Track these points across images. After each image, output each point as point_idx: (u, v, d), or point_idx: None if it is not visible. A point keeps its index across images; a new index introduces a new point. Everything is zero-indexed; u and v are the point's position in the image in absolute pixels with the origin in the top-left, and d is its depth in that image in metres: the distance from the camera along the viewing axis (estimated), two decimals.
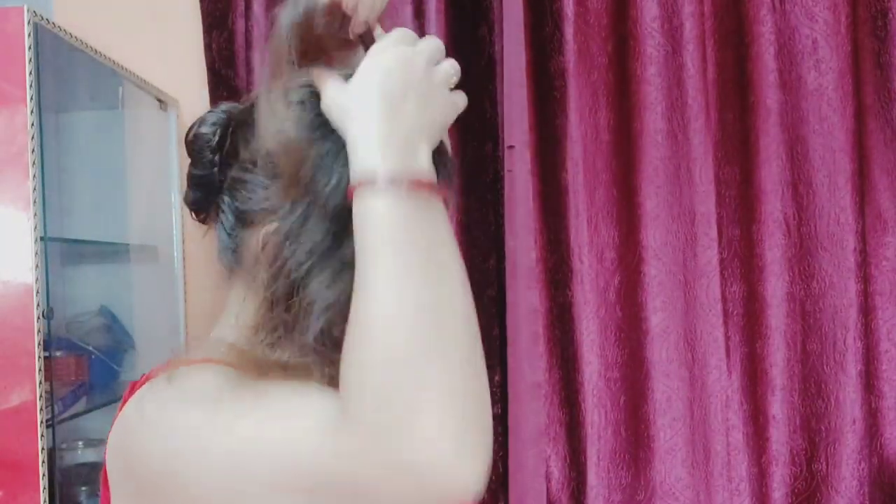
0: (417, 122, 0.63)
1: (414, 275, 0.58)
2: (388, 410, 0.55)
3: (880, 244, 1.85)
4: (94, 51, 1.71)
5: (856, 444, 1.80)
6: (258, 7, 1.94)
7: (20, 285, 1.42)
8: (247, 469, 0.59)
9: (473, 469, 0.55)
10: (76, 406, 1.70)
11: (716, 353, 1.83)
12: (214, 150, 0.74)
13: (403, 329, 0.56)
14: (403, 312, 0.57)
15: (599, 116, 1.87)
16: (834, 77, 1.81)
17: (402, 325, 0.56)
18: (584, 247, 1.86)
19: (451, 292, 0.59)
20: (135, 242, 2.03)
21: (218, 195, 0.75)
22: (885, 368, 1.84)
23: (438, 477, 0.54)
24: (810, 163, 1.83)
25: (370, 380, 0.56)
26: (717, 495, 1.83)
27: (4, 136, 1.43)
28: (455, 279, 0.60)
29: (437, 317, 0.57)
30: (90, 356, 1.89)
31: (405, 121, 0.62)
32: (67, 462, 1.77)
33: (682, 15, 1.83)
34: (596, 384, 1.86)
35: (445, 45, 0.68)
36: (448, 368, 0.56)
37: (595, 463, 1.85)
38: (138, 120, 2.01)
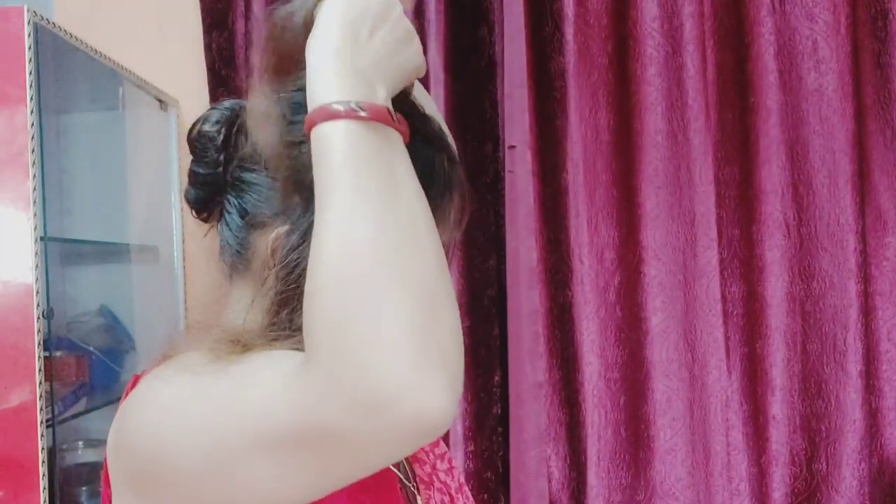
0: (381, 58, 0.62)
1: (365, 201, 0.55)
2: (344, 345, 0.52)
3: (880, 244, 1.85)
4: (94, 51, 1.71)
5: (856, 444, 1.80)
6: (258, 7, 1.94)
7: (20, 285, 1.42)
8: (224, 433, 0.58)
9: (441, 395, 0.52)
10: (76, 406, 1.70)
11: (716, 353, 1.83)
12: (219, 148, 0.73)
13: (351, 256, 0.54)
14: (353, 238, 0.55)
15: (599, 117, 1.87)
16: (834, 77, 1.81)
17: (350, 252, 0.54)
18: (584, 247, 1.86)
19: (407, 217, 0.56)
20: (135, 242, 2.03)
21: (222, 194, 0.73)
22: (885, 368, 1.84)
23: (405, 408, 0.51)
24: (810, 163, 1.83)
25: (323, 314, 0.54)
26: (717, 495, 1.83)
27: (4, 136, 1.43)
28: (412, 205, 0.57)
29: (391, 242, 0.55)
30: (90, 356, 1.89)
31: (367, 54, 0.61)
32: (67, 462, 1.77)
33: (682, 15, 1.83)
34: (596, 384, 1.86)
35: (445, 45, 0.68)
36: (404, 293, 0.53)
37: (595, 463, 1.85)
38: (138, 120, 2.01)
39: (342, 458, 0.55)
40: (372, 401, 0.51)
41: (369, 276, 0.53)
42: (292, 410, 0.54)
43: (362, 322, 0.52)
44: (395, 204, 0.56)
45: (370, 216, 0.55)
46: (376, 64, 0.61)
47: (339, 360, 0.53)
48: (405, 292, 0.53)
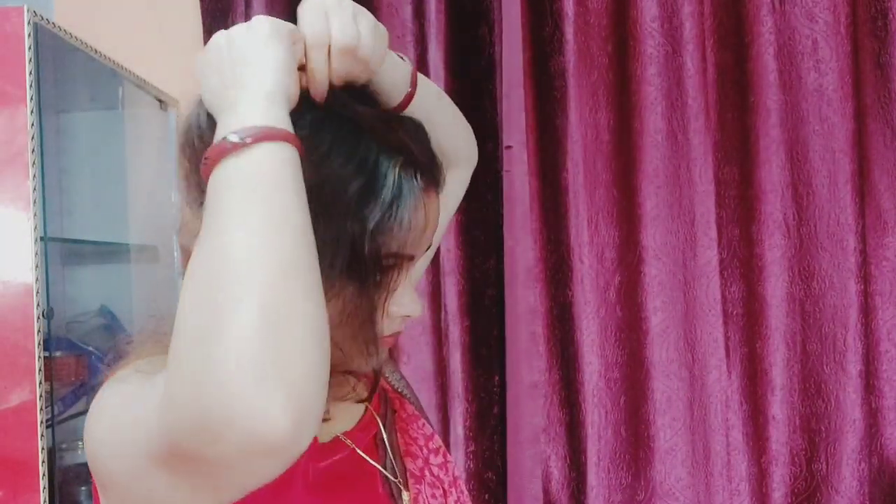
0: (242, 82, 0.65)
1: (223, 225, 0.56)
2: (182, 369, 0.53)
3: (880, 244, 1.85)
4: (94, 51, 1.71)
5: (856, 444, 1.80)
6: (258, 7, 1.94)
7: (20, 285, 1.42)
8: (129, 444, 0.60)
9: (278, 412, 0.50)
10: (76, 406, 1.70)
11: (716, 353, 1.83)
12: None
13: (202, 277, 0.55)
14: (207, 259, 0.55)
15: (599, 116, 1.87)
16: (834, 77, 1.81)
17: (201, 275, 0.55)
18: (584, 247, 1.86)
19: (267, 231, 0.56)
20: (135, 242, 2.03)
21: None
22: (885, 368, 1.84)
23: (239, 429, 0.50)
24: (810, 163, 1.83)
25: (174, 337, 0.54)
26: (717, 495, 1.83)
27: (4, 136, 1.43)
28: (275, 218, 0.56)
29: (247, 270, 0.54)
30: (90, 356, 1.88)
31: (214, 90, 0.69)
32: (67, 462, 1.77)
33: (682, 15, 1.83)
34: (596, 384, 1.86)
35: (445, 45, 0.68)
36: (241, 309, 0.52)
37: (595, 463, 1.85)
38: (138, 120, 2.01)
39: (214, 476, 0.56)
40: (208, 425, 0.51)
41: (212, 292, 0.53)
42: (159, 431, 0.55)
43: (196, 344, 0.52)
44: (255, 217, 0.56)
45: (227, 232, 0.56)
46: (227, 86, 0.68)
47: (179, 386, 0.53)
48: (242, 308, 0.52)
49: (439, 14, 1.88)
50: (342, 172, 0.67)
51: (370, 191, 0.68)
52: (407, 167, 0.70)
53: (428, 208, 0.73)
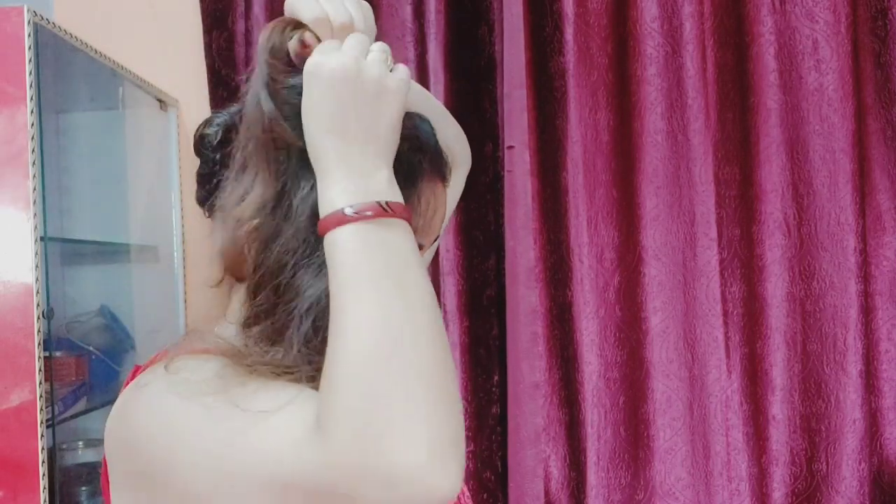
0: (368, 137, 0.65)
1: (375, 300, 0.60)
2: (365, 431, 0.57)
3: (880, 244, 1.85)
4: (94, 51, 1.71)
5: (856, 444, 1.80)
6: (258, 7, 1.94)
7: (20, 285, 1.42)
8: (234, 468, 0.61)
9: (447, 477, 0.57)
10: (76, 406, 1.70)
11: (716, 353, 1.83)
12: (216, 148, 0.76)
13: (372, 350, 0.59)
14: (371, 333, 0.59)
15: (599, 117, 1.87)
16: (834, 77, 1.81)
17: (370, 347, 0.59)
18: (584, 247, 1.86)
19: (417, 311, 0.61)
20: (135, 242, 2.03)
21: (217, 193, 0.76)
22: (885, 368, 1.84)
23: (414, 486, 0.56)
24: (810, 163, 1.83)
25: (345, 399, 0.58)
26: (717, 495, 1.83)
27: (4, 136, 1.43)
28: (421, 298, 0.62)
29: (406, 334, 0.60)
30: (90, 356, 1.88)
31: (356, 144, 0.65)
32: (67, 462, 1.77)
33: (682, 15, 1.83)
34: (596, 384, 1.86)
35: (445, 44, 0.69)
36: (418, 381, 0.58)
37: (595, 463, 1.85)
38: (138, 120, 2.01)
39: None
40: (382, 475, 0.56)
41: (388, 366, 0.58)
42: (304, 466, 0.59)
43: (383, 409, 0.57)
44: (404, 295, 0.61)
45: (382, 309, 0.60)
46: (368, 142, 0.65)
47: (359, 444, 0.57)
48: (421, 382, 0.59)
49: (439, 14, 1.88)
50: None
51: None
52: (414, 153, 0.72)
53: (436, 195, 0.75)
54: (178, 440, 0.64)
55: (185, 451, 0.64)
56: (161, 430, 0.66)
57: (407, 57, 1.89)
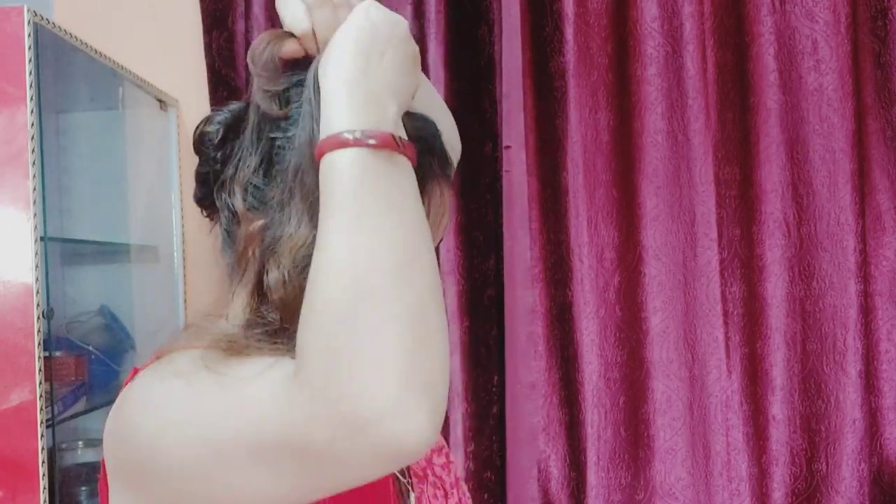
0: (392, 81, 0.64)
1: (365, 226, 0.57)
2: (333, 366, 0.54)
3: (880, 244, 1.85)
4: (94, 51, 1.71)
5: (856, 444, 1.80)
6: (258, 7, 1.94)
7: (20, 285, 1.42)
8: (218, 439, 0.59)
9: (415, 421, 0.53)
10: (76, 406, 1.70)
11: (716, 353, 1.83)
12: (217, 147, 0.76)
13: (348, 280, 0.55)
14: (351, 263, 0.56)
15: (599, 117, 1.87)
16: (834, 77, 1.81)
17: (347, 276, 0.56)
18: (583, 247, 1.86)
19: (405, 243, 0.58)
20: (135, 242, 2.03)
21: (219, 192, 0.76)
22: (885, 368, 1.84)
23: (384, 431, 0.52)
24: (810, 163, 1.83)
25: (316, 334, 0.55)
26: (717, 495, 1.83)
27: (4, 136, 1.43)
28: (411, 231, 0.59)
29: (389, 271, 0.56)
30: (90, 356, 1.88)
31: (379, 77, 0.63)
32: (67, 462, 1.77)
33: (682, 15, 1.83)
34: (596, 384, 1.86)
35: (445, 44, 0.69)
36: (396, 318, 0.55)
37: (595, 463, 1.85)
38: (138, 120, 2.01)
39: (321, 472, 0.57)
40: (353, 421, 0.53)
41: (363, 300, 0.55)
42: (280, 423, 0.56)
43: (352, 344, 0.54)
44: (394, 230, 0.58)
45: (368, 241, 0.57)
46: (387, 85, 0.63)
47: (326, 380, 0.54)
48: (397, 317, 0.55)
49: (439, 14, 1.88)
50: None
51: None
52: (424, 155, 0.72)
53: (443, 196, 0.75)
54: (164, 419, 0.63)
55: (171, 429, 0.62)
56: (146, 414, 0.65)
57: None
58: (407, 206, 0.60)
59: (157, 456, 0.63)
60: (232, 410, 0.59)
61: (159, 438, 0.63)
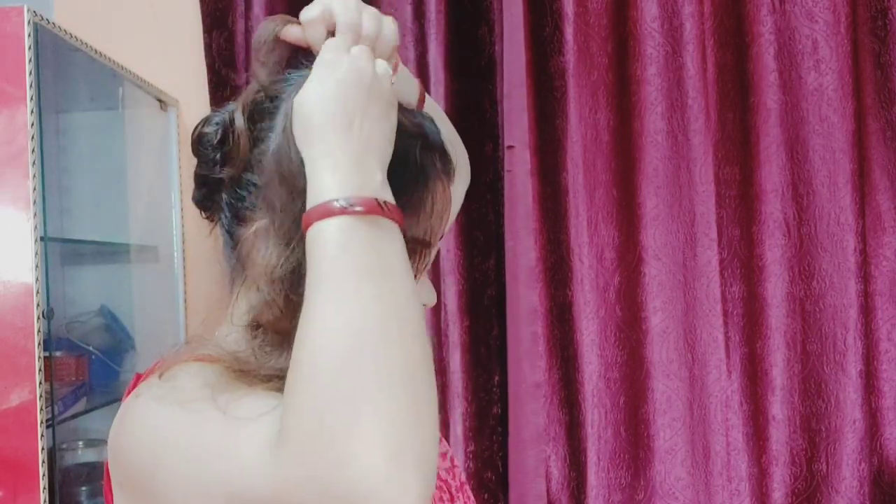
0: (376, 140, 0.63)
1: (349, 295, 0.57)
2: (323, 435, 0.53)
3: (880, 244, 1.85)
4: (94, 51, 1.71)
5: (856, 444, 1.80)
6: (258, 7, 1.94)
7: (20, 285, 1.42)
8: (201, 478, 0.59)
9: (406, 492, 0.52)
10: (76, 406, 1.70)
11: (716, 353, 1.83)
12: (216, 148, 0.75)
13: (338, 351, 0.55)
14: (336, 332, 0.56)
15: (599, 117, 1.87)
16: (834, 77, 1.81)
17: (336, 348, 0.55)
18: (584, 247, 1.86)
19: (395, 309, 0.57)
20: (135, 242, 2.03)
21: (219, 193, 0.76)
22: (885, 368, 1.84)
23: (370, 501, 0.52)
24: (810, 163, 1.83)
25: (304, 400, 0.55)
26: (717, 495, 1.83)
27: (4, 136, 1.43)
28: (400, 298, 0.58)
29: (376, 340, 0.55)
30: (90, 356, 1.89)
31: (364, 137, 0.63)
32: (67, 462, 1.77)
33: (682, 15, 1.83)
34: (596, 384, 1.86)
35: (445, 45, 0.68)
36: (387, 389, 0.54)
37: (595, 463, 1.85)
38: (138, 120, 2.01)
39: None
40: (345, 494, 0.52)
41: (348, 369, 0.54)
42: (265, 482, 0.55)
43: (343, 414, 0.53)
44: (380, 298, 0.57)
45: (353, 309, 0.56)
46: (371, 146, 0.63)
47: (316, 448, 0.53)
48: (388, 388, 0.54)
49: (439, 14, 1.88)
50: None
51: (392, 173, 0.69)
52: (426, 151, 0.72)
53: (445, 194, 0.75)
54: (162, 446, 0.63)
55: (168, 457, 0.62)
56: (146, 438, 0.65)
57: (407, 57, 1.89)
58: (393, 271, 0.59)
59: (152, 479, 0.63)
60: (223, 452, 0.59)
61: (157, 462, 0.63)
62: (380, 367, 0.54)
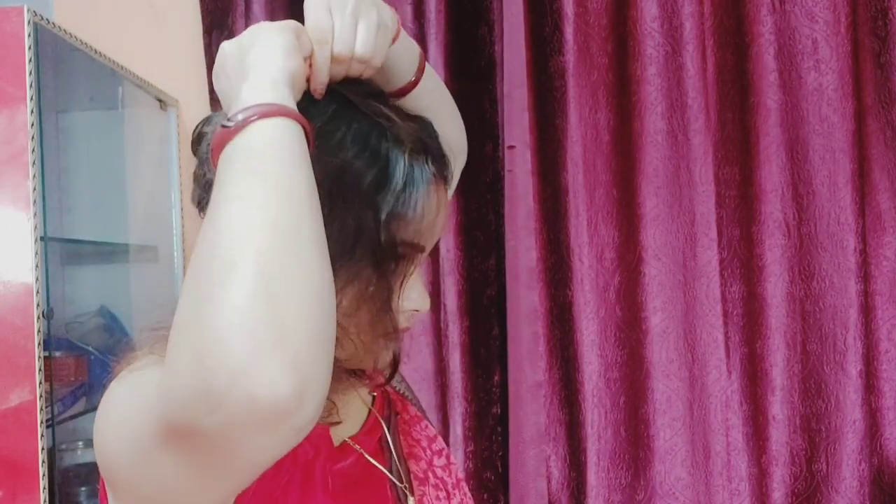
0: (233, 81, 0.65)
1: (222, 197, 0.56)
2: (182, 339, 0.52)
3: (880, 244, 1.85)
4: (94, 51, 1.71)
5: (856, 444, 1.80)
6: (258, 7, 1.94)
7: (20, 285, 1.42)
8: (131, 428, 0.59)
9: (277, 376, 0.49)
10: (76, 406, 1.70)
11: (716, 353, 1.83)
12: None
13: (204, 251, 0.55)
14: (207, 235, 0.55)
15: (599, 117, 1.87)
16: (834, 77, 1.81)
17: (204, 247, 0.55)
18: (584, 247, 1.86)
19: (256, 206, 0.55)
20: (135, 242, 2.03)
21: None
22: (885, 368, 1.84)
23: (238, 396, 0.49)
24: (810, 163, 1.83)
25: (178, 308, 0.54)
26: (717, 495, 1.83)
27: (4, 136, 1.43)
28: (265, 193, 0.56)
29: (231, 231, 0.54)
30: (90, 356, 1.88)
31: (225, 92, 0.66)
32: (67, 462, 1.77)
33: (682, 15, 1.83)
34: (596, 384, 1.86)
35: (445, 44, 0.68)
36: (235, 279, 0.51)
37: (595, 463, 1.85)
38: (138, 120, 2.01)
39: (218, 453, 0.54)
40: (207, 393, 0.50)
41: (210, 269, 0.53)
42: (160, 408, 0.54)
43: (193, 313, 0.52)
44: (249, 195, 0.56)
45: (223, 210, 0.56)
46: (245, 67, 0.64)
47: (177, 355, 0.52)
48: (235, 274, 0.52)
49: (439, 14, 1.88)
50: (356, 161, 0.69)
51: (383, 177, 0.69)
52: (417, 155, 0.72)
53: (438, 197, 0.74)
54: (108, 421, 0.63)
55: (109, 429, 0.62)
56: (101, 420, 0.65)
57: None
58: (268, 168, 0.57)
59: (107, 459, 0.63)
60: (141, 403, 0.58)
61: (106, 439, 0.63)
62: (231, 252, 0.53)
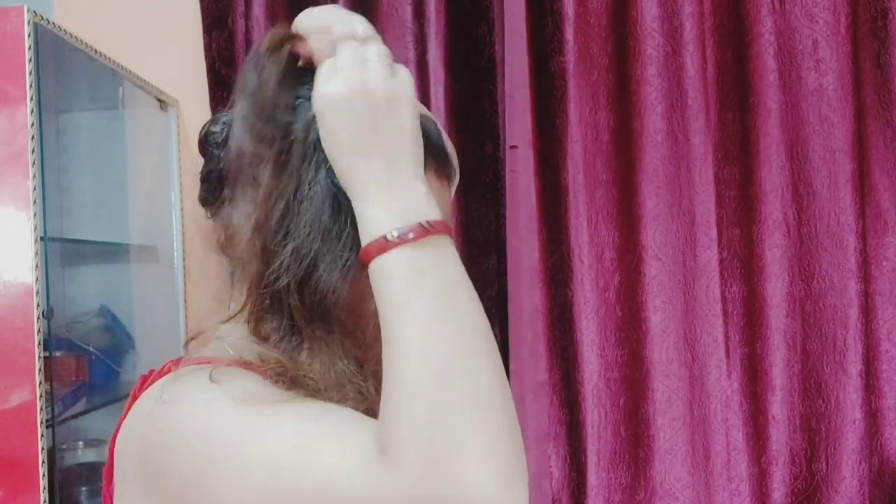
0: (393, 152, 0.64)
1: (435, 323, 0.60)
2: (430, 452, 0.56)
3: (880, 244, 1.85)
4: (94, 51, 1.71)
5: (856, 444, 1.80)
6: (258, 7, 1.94)
7: (20, 285, 1.42)
8: (280, 490, 0.58)
9: (516, 497, 0.56)
10: (76, 406, 1.70)
11: (716, 353, 1.83)
12: (220, 145, 0.75)
13: (434, 371, 0.58)
14: (430, 355, 0.59)
15: (599, 116, 1.87)
16: (834, 77, 1.81)
17: (429, 368, 0.58)
18: (584, 247, 1.86)
19: (474, 333, 0.61)
20: (135, 242, 2.03)
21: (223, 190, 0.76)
22: (885, 368, 1.84)
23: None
24: (810, 163, 1.83)
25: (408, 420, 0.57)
26: (717, 495, 1.83)
27: (4, 136, 1.43)
28: (473, 317, 0.62)
29: (464, 356, 0.59)
30: (90, 356, 1.89)
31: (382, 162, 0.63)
32: (67, 462, 1.77)
33: (682, 15, 1.83)
34: (596, 384, 1.86)
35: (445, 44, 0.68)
36: (480, 402, 0.57)
37: (595, 463, 1.85)
38: (138, 120, 2.01)
39: None
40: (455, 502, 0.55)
41: (449, 387, 0.57)
42: (368, 492, 0.56)
43: (450, 432, 0.56)
44: (458, 316, 0.61)
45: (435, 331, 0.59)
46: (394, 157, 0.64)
47: (429, 466, 0.55)
48: (484, 402, 0.57)
49: (439, 14, 1.88)
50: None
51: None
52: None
53: (441, 193, 0.74)
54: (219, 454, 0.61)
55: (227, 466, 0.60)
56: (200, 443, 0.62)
57: (407, 57, 1.89)
58: (460, 286, 0.62)
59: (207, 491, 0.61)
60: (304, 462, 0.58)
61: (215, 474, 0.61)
62: (472, 383, 0.58)
